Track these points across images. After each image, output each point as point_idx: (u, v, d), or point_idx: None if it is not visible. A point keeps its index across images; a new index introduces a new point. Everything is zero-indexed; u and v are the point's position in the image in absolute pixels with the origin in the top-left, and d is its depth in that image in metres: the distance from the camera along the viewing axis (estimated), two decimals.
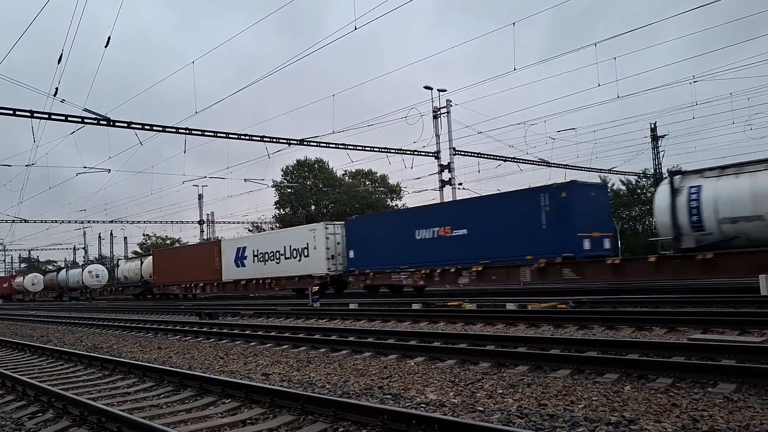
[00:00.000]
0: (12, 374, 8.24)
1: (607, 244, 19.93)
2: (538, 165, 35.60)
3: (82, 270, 54.77)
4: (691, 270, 16.70)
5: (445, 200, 30.85)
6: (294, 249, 29.82)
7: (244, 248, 33.67)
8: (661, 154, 38.74)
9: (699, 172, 17.29)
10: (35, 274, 65.42)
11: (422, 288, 25.77)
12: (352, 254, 27.17)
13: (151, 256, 45.67)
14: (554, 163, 35.90)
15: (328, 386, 6.80)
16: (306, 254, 28.95)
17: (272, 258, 31.34)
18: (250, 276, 32.95)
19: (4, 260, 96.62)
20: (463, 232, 22.22)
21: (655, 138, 38.64)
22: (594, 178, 41.52)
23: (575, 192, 19.39)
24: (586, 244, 18.96)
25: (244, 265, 33.45)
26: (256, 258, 32.55)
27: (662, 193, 17.47)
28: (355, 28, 17.53)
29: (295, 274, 29.61)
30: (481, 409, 5.31)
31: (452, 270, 22.40)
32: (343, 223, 29.21)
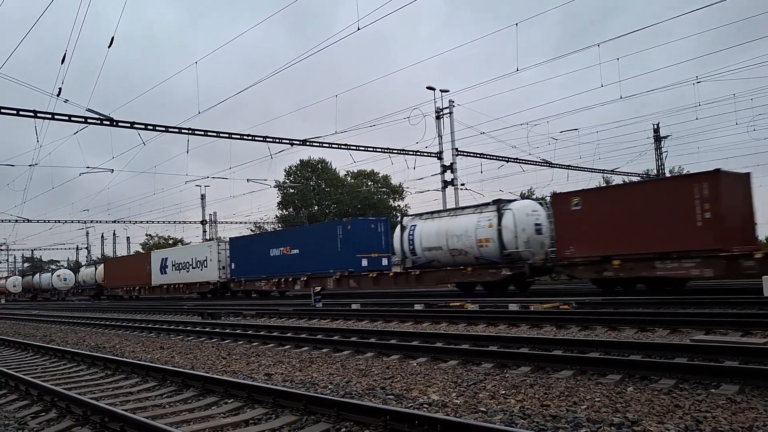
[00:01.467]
0: (15, 374, 8.25)
1: (384, 261, 27.56)
2: (541, 166, 35.61)
3: (52, 274, 61.44)
4: (412, 282, 24.29)
5: (447, 200, 31.06)
6: (198, 260, 37.57)
7: (166, 259, 41.41)
8: (664, 154, 38.73)
9: (419, 215, 25.05)
10: (16, 276, 72.13)
11: (283, 292, 33.19)
12: (233, 266, 35.09)
13: (103, 264, 53.69)
14: (556, 164, 35.90)
15: (330, 386, 6.81)
16: (206, 265, 36.64)
17: (184, 267, 39.04)
18: (170, 281, 40.61)
19: (8, 260, 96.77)
20: (297, 251, 30.34)
21: (657, 139, 38.60)
22: (597, 178, 41.58)
23: (357, 225, 28.20)
24: (364, 262, 26.84)
25: (166, 273, 41.12)
26: (173, 267, 40.24)
27: (398, 229, 25.21)
28: (359, 29, 17.54)
29: (197, 281, 37.54)
30: (484, 409, 5.31)
31: (291, 279, 30.27)
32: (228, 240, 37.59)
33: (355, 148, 30.01)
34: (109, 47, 17.40)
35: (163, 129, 24.86)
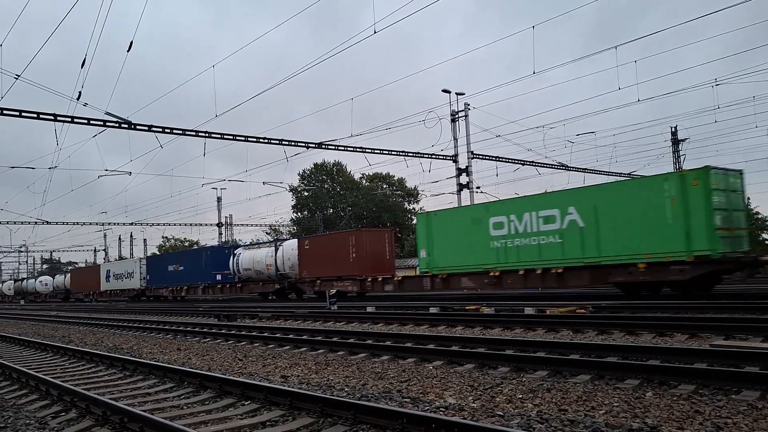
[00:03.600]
0: (36, 374, 8.37)
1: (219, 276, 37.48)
2: (557, 169, 35.41)
3: (35, 280, 73.34)
4: (237, 291, 36.63)
5: (462, 203, 31.00)
6: (128, 272, 49.22)
7: (110, 270, 53.31)
8: (682, 157, 38.32)
9: (245, 246, 37.85)
10: (11, 281, 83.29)
11: (182, 297, 43.19)
12: (148, 277, 46.42)
13: (70, 273, 66.48)
14: (573, 167, 35.68)
15: (346, 389, 6.82)
16: (132, 276, 48.06)
17: (119, 277, 50.62)
18: (111, 288, 52.23)
19: (27, 261, 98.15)
20: (182, 268, 41.57)
21: (675, 142, 38.23)
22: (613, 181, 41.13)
23: (214, 251, 39.79)
24: (218, 277, 37.49)
25: (109, 281, 52.50)
26: (114, 277, 51.86)
27: (232, 255, 36.76)
28: (375, 32, 17.54)
29: (127, 288, 49.31)
30: (501, 413, 5.29)
31: (179, 288, 42.07)
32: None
33: (370, 151, 30.06)
34: (128, 51, 17.59)
35: (180, 132, 25.06)
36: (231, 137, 26.18)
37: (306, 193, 63.95)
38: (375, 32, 17.59)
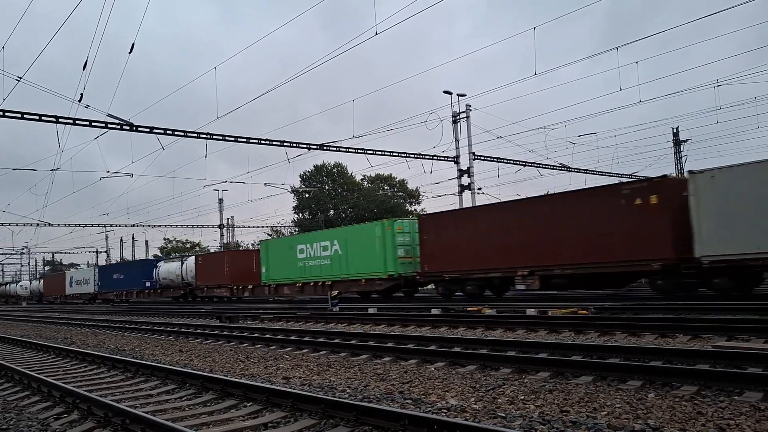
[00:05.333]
0: (38, 375, 8.37)
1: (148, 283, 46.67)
2: (558, 170, 35.38)
3: (16, 284, 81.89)
4: (158, 295, 46.29)
5: (464, 204, 30.97)
6: (85, 279, 58.56)
7: (72, 277, 62.68)
8: (684, 158, 38.27)
9: (164, 259, 49.24)
10: None
11: (127, 300, 50.29)
12: (99, 283, 54.70)
13: (43, 279, 76.64)
14: (574, 168, 35.67)
15: (348, 390, 6.82)
16: (88, 282, 57.27)
17: (79, 283, 59.90)
18: (73, 292, 61.13)
19: (29, 263, 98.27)
20: (123, 276, 50.20)
21: (677, 143, 38.18)
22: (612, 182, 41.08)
23: (143, 264, 49.51)
24: (147, 284, 45.92)
25: (72, 287, 61.60)
26: (75, 283, 61.03)
27: (155, 267, 46.19)
28: (376, 33, 17.55)
29: (83, 292, 58.42)
30: (503, 415, 5.29)
31: (121, 292, 50.19)
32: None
33: (372, 152, 30.06)
34: (129, 53, 17.62)
35: (182, 134, 25.06)
36: (232, 139, 26.18)
37: (307, 195, 63.97)
38: (377, 33, 17.61)
